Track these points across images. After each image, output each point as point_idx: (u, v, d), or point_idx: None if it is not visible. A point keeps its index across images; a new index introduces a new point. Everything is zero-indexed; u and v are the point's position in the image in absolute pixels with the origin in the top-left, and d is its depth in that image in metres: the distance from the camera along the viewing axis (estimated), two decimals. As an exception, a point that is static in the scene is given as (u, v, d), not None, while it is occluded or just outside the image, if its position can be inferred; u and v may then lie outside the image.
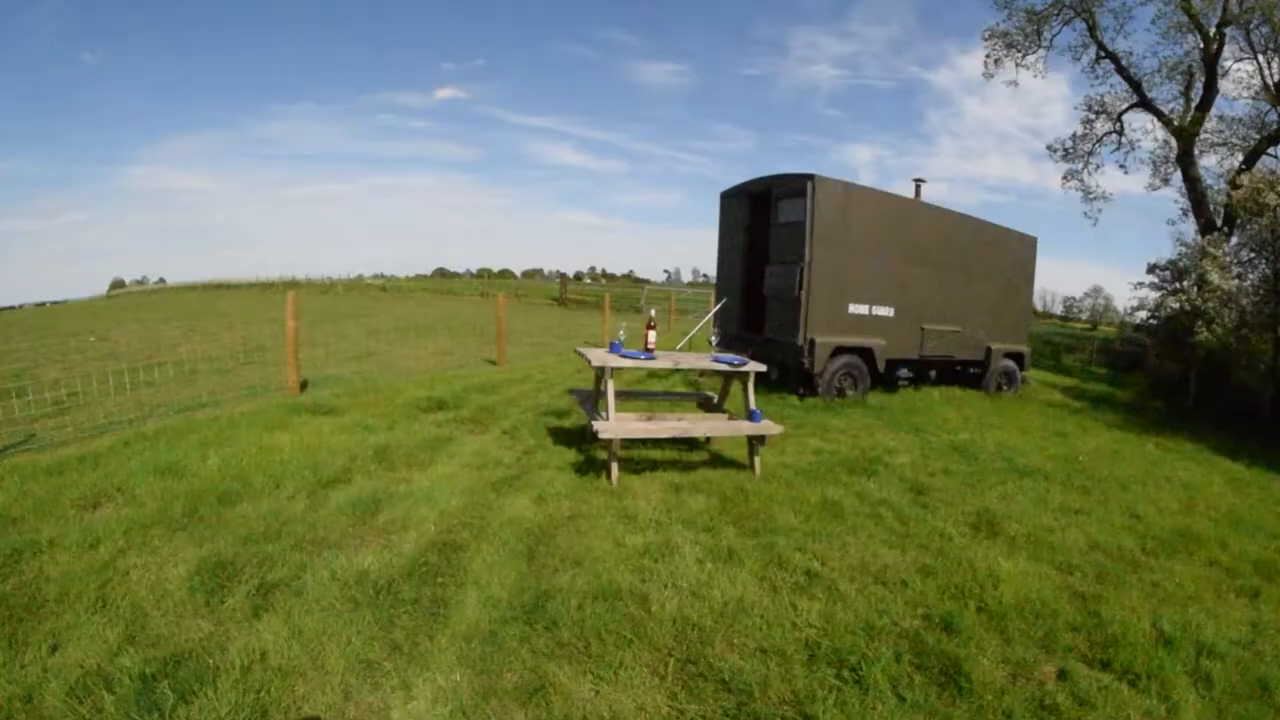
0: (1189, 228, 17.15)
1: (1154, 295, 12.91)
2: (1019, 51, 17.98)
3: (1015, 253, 9.39)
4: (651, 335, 4.13)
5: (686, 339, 7.54)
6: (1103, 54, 17.31)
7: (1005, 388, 9.60)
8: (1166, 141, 17.71)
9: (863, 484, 4.31)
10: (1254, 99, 16.61)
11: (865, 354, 7.23)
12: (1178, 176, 17.66)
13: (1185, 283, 12.49)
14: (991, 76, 18.41)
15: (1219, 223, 16.74)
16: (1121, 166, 18.87)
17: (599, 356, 3.97)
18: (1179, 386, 13.15)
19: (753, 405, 4.19)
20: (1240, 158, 16.82)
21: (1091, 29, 17.05)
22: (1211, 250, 12.76)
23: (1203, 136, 16.80)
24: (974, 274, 8.55)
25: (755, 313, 7.73)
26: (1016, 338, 9.73)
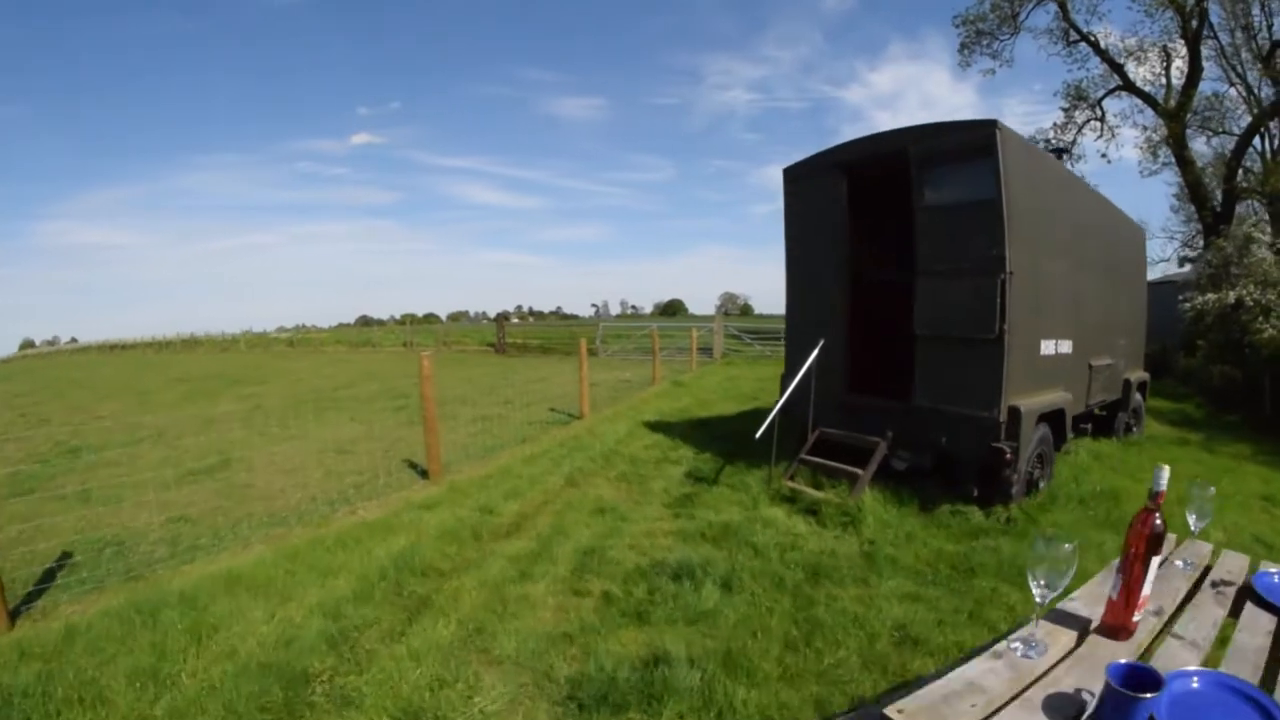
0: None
1: (1206, 296, 11.02)
2: (990, 38, 16.56)
3: (1138, 248, 7.00)
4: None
5: (775, 411, 4.45)
6: (1076, 36, 16.10)
7: (1134, 428, 7.12)
8: (1147, 126, 16.65)
9: None
10: (1218, 80, 15.79)
11: (1055, 420, 4.40)
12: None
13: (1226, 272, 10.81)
14: (968, 66, 16.90)
15: (1218, 206, 15.63)
16: (1103, 155, 17.76)
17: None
18: (1243, 393, 11.24)
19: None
20: (1229, 141, 15.92)
21: (1063, 9, 15.81)
22: (1259, 235, 11.18)
23: (1193, 116, 15.72)
24: (1118, 281, 6.02)
25: (874, 364, 4.84)
26: (1139, 361, 7.33)
